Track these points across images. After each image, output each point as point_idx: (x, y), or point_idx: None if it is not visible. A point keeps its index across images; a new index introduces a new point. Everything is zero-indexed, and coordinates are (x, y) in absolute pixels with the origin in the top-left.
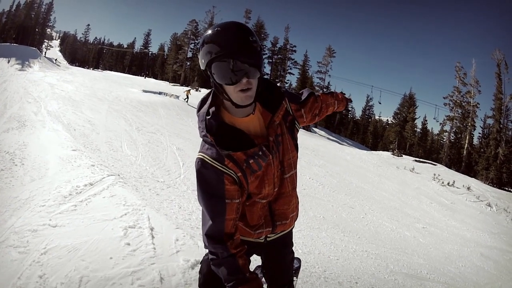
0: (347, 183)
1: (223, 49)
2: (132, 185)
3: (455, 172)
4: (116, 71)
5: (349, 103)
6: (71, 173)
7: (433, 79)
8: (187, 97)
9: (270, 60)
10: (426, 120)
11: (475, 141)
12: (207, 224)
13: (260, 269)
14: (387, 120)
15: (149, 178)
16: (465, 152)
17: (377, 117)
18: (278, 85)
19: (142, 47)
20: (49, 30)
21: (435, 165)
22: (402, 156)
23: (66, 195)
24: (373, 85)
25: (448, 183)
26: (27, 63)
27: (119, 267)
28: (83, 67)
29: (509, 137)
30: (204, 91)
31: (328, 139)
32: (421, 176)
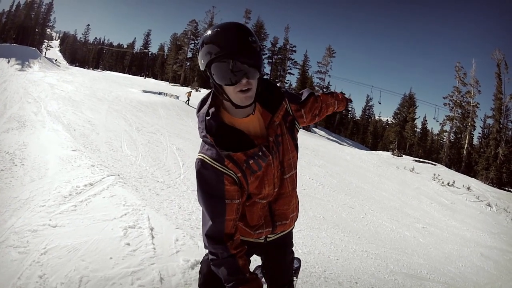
0: (347, 183)
1: (222, 50)
2: (132, 185)
3: (455, 172)
4: (116, 71)
5: (349, 103)
6: (71, 173)
7: (433, 79)
8: (188, 99)
9: (270, 60)
10: (426, 120)
11: (475, 141)
12: (207, 224)
13: (260, 269)
14: (387, 120)
15: (149, 178)
16: (465, 152)
17: (377, 117)
18: (278, 85)
19: (142, 47)
20: (49, 30)
21: (435, 165)
22: (402, 156)
23: (66, 195)
24: (373, 85)
25: (448, 183)
26: (27, 63)
27: (119, 267)
28: (83, 67)
29: (509, 137)
30: (204, 91)
31: (328, 139)
32: (421, 176)
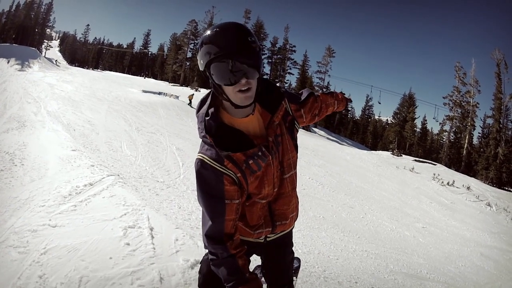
0: (346, 183)
1: (222, 50)
2: (131, 185)
3: (455, 172)
4: (115, 71)
5: (349, 103)
6: (70, 173)
7: (433, 79)
8: (190, 101)
9: (270, 60)
10: (426, 120)
11: (475, 140)
12: (206, 224)
13: (260, 269)
14: (387, 120)
15: (149, 178)
16: (464, 152)
17: (376, 117)
18: (277, 85)
19: (141, 47)
20: (48, 30)
21: (435, 164)
22: (401, 156)
23: (66, 195)
24: (372, 85)
25: (448, 183)
26: (26, 63)
27: (118, 267)
28: (83, 67)
29: (509, 136)
30: (204, 91)
31: (328, 139)
32: (420, 176)
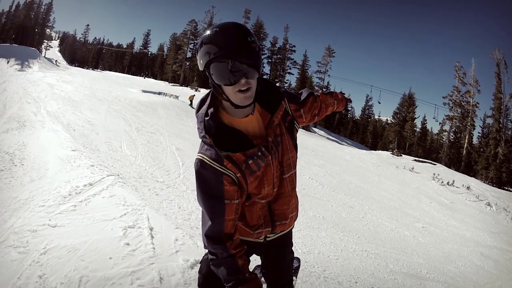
0: (346, 183)
1: (221, 50)
2: (131, 185)
3: (455, 172)
4: (115, 71)
5: (348, 103)
6: (70, 174)
7: (433, 78)
8: (191, 102)
9: (270, 60)
10: (426, 120)
11: (475, 140)
12: (206, 224)
13: (260, 269)
14: (387, 119)
15: (149, 178)
16: (464, 152)
17: (376, 116)
18: (277, 85)
19: (141, 47)
20: (48, 30)
21: (435, 164)
22: (401, 155)
23: (66, 195)
24: (372, 85)
25: (448, 183)
26: (26, 63)
27: (118, 267)
28: (83, 67)
29: (509, 136)
30: (203, 91)
31: (328, 139)
32: (420, 176)
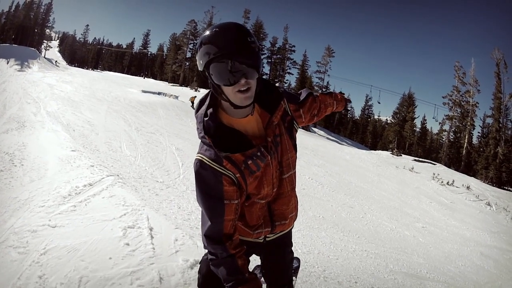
0: (346, 183)
1: (221, 50)
2: (131, 185)
3: (455, 172)
4: (115, 71)
5: (348, 103)
6: (70, 174)
7: (432, 78)
8: (192, 103)
9: (269, 60)
10: (425, 120)
11: (475, 140)
12: (206, 224)
13: (260, 269)
14: (386, 119)
15: (148, 179)
16: (464, 152)
17: (376, 116)
18: (276, 85)
19: (141, 48)
20: (48, 30)
21: (435, 164)
22: (401, 155)
23: (66, 195)
24: (372, 85)
25: (448, 183)
26: (26, 63)
27: (118, 267)
28: (82, 67)
29: (509, 136)
30: (203, 91)
31: (328, 139)
32: (420, 176)
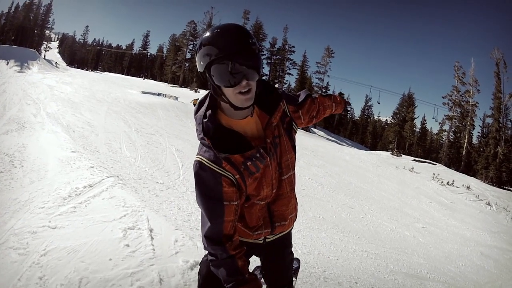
0: (346, 183)
1: (222, 51)
2: (131, 186)
3: (455, 172)
4: (115, 72)
5: (347, 106)
6: (70, 175)
7: (432, 78)
8: (194, 105)
9: (269, 61)
10: (425, 120)
11: (475, 140)
12: (206, 225)
13: (260, 269)
14: (386, 120)
15: (148, 180)
16: (464, 152)
17: (376, 117)
18: (275, 86)
19: (141, 49)
20: (47, 31)
21: (435, 164)
22: (401, 155)
23: (66, 196)
24: (372, 85)
25: (448, 183)
26: (26, 65)
27: (118, 268)
28: (82, 68)
29: (508, 136)
30: (203, 92)
31: (327, 139)
32: (420, 176)
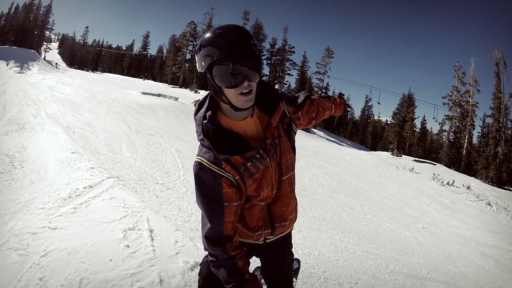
0: (346, 184)
1: (224, 52)
2: (131, 187)
3: (455, 172)
4: (115, 73)
5: (347, 108)
6: (70, 176)
7: (432, 79)
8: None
9: (269, 62)
10: (425, 120)
11: (475, 140)
12: (206, 226)
13: (260, 270)
14: (386, 120)
15: (149, 180)
16: (464, 152)
17: (376, 117)
18: (275, 87)
19: (140, 49)
20: (47, 32)
21: (435, 164)
22: (401, 156)
23: (66, 197)
24: (372, 86)
25: (448, 183)
26: (26, 65)
27: (118, 269)
28: (82, 69)
29: (509, 136)
30: (203, 93)
31: (328, 139)
32: (420, 176)
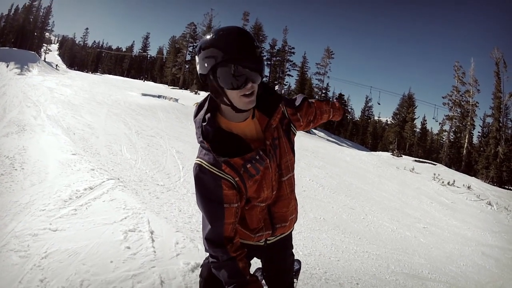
0: (347, 184)
1: (228, 54)
2: (132, 188)
3: (455, 172)
4: (115, 74)
5: (346, 114)
6: (71, 177)
7: (432, 79)
8: None
9: (269, 62)
10: (426, 120)
11: (475, 140)
12: (206, 228)
13: (261, 271)
14: (387, 120)
15: (149, 182)
16: (464, 151)
17: (376, 117)
18: (275, 88)
19: (140, 51)
20: (47, 34)
21: (435, 164)
22: (401, 156)
23: (66, 199)
24: (372, 86)
25: (448, 183)
26: (26, 67)
27: (119, 271)
28: (82, 71)
29: (509, 135)
30: (203, 94)
31: (328, 140)
32: (421, 176)
